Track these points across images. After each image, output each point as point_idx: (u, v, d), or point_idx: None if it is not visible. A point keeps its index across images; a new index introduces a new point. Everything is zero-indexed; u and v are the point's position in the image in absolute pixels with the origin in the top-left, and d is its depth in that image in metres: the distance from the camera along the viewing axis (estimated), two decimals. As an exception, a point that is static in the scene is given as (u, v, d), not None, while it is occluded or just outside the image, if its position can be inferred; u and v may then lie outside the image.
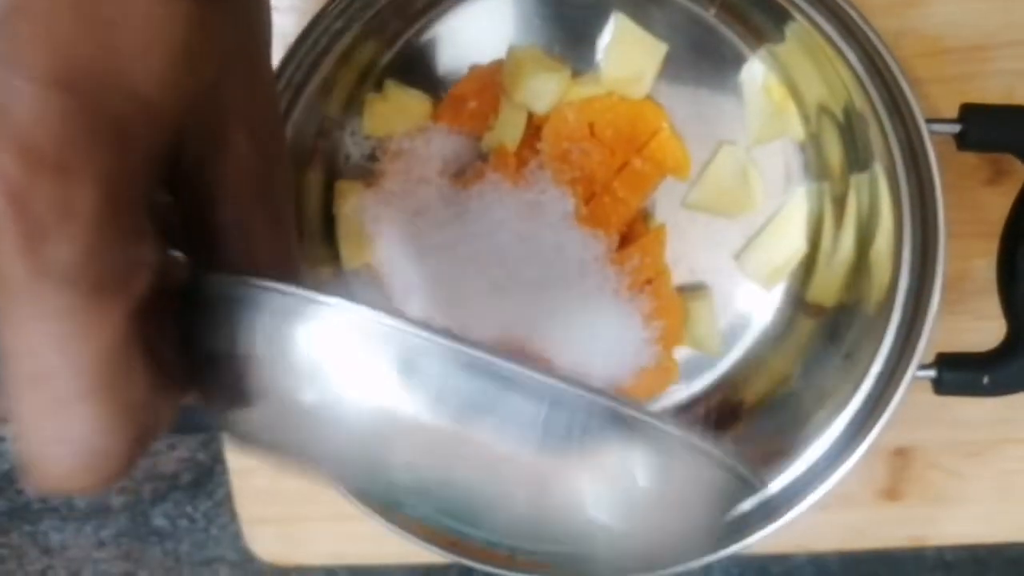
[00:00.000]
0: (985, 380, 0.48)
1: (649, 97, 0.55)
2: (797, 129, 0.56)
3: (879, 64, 0.46)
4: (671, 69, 0.55)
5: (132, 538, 0.69)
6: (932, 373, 0.49)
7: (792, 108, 0.55)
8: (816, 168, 0.56)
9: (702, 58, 0.55)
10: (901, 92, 0.46)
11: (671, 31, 0.55)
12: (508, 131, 0.55)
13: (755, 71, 0.55)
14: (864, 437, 0.48)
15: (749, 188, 0.56)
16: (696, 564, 0.49)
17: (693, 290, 0.58)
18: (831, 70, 0.50)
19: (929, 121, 0.46)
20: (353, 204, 0.56)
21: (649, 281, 0.56)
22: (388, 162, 0.56)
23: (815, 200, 0.56)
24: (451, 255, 0.55)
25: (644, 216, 0.57)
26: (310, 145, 0.54)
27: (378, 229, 0.56)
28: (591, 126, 0.55)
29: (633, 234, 0.56)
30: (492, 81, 0.55)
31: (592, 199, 0.55)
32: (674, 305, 0.56)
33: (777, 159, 0.57)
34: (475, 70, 0.55)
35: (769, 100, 0.55)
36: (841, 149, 0.54)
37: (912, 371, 0.47)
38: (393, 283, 0.57)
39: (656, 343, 0.56)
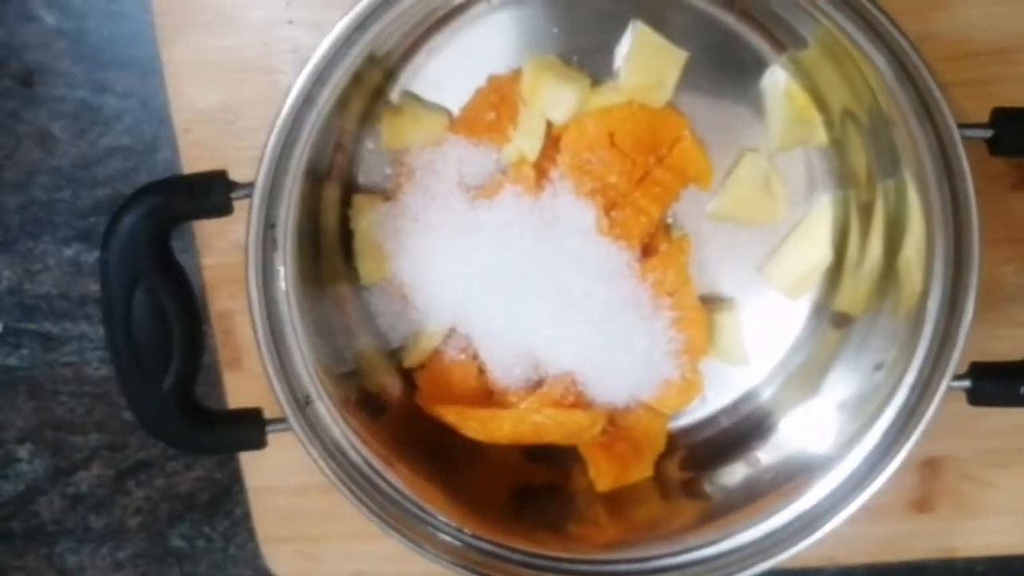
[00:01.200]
0: (1022, 390, 0.47)
1: (670, 105, 0.55)
2: (821, 135, 0.55)
3: (908, 67, 0.45)
4: (691, 76, 0.54)
5: (149, 559, 0.68)
6: (967, 383, 0.48)
7: (815, 114, 0.54)
8: (841, 175, 0.55)
9: (723, 65, 0.54)
10: (932, 96, 0.45)
11: (691, 38, 0.54)
12: (527, 142, 0.54)
13: (777, 77, 0.54)
14: (899, 450, 0.47)
15: (773, 196, 0.55)
16: (728, 581, 0.49)
17: (717, 301, 0.57)
18: (856, 74, 0.49)
19: (961, 126, 0.45)
20: (371, 218, 0.55)
21: (672, 293, 0.55)
22: (405, 175, 0.55)
23: (840, 208, 0.55)
24: (470, 268, 0.55)
25: (666, 227, 0.56)
26: (328, 159, 0.53)
27: (396, 243, 0.55)
28: (611, 135, 0.54)
29: (655, 245, 0.56)
30: (510, 92, 0.54)
31: (613, 209, 0.55)
32: (698, 317, 0.55)
33: (800, 166, 0.56)
34: (493, 81, 0.55)
35: (792, 106, 0.54)
36: (866, 155, 0.53)
37: (947, 382, 0.46)
38: (412, 297, 0.56)
39: (680, 355, 0.55)
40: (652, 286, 0.55)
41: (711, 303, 0.57)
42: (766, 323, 0.57)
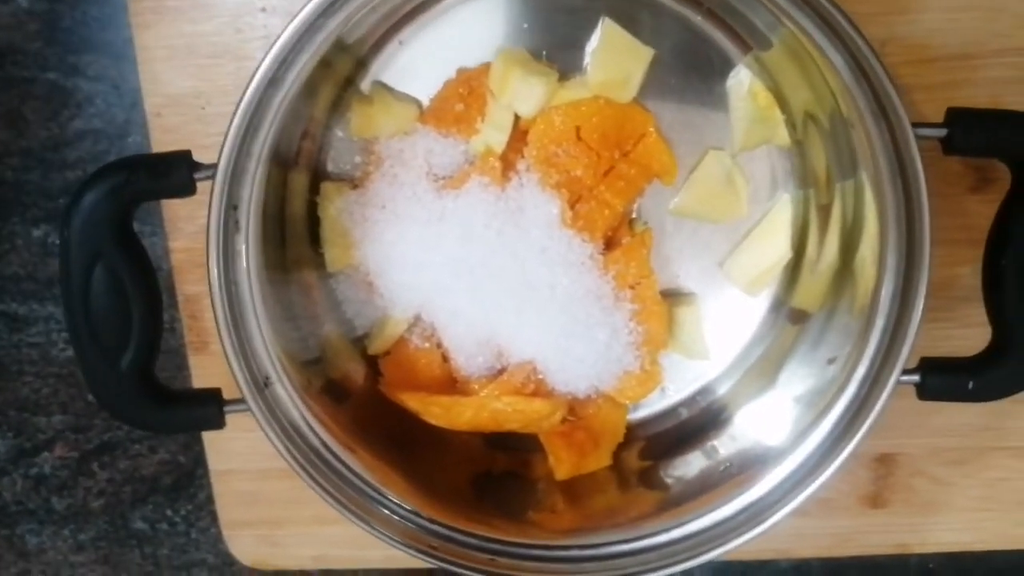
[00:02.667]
0: (970, 385, 0.48)
1: (636, 101, 0.55)
2: (783, 136, 0.56)
3: (866, 69, 0.46)
4: (658, 74, 0.55)
5: (111, 542, 0.68)
6: (916, 378, 0.49)
7: (778, 115, 0.55)
8: (801, 175, 0.56)
9: (689, 64, 0.55)
10: (888, 96, 0.46)
11: (659, 36, 0.55)
12: (494, 134, 0.55)
13: (742, 77, 0.55)
14: (848, 441, 0.48)
15: (735, 194, 0.56)
16: (678, 568, 0.49)
17: (678, 295, 0.58)
18: (818, 76, 0.50)
19: (915, 125, 0.46)
20: (338, 205, 0.56)
21: (634, 285, 0.56)
22: (374, 164, 0.56)
23: (800, 206, 0.56)
24: (436, 257, 0.55)
25: (630, 221, 0.57)
26: (295, 147, 0.54)
27: (363, 231, 0.56)
28: (578, 130, 0.55)
29: (618, 238, 0.56)
30: (479, 84, 0.55)
31: (578, 202, 0.55)
32: (659, 309, 0.56)
33: (763, 165, 0.57)
34: (462, 73, 0.55)
35: (755, 106, 0.55)
36: (826, 156, 0.54)
37: (896, 375, 0.47)
38: (378, 284, 0.57)
39: (640, 347, 0.56)
40: (614, 278, 0.55)
41: (672, 297, 0.57)
42: (726, 318, 0.58)
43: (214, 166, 0.45)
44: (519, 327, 0.55)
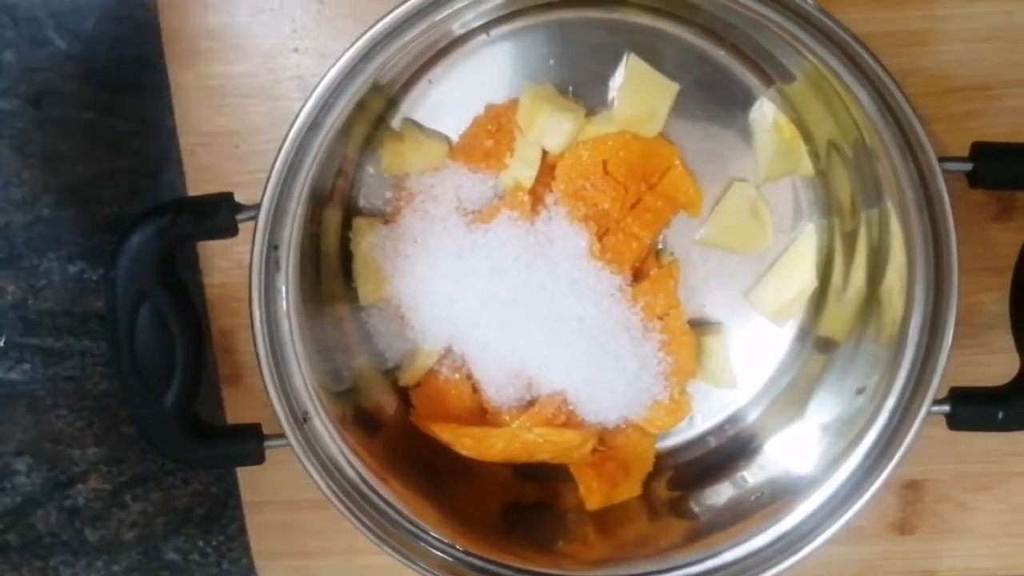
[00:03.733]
0: (1000, 415, 0.49)
1: (662, 135, 0.56)
2: (807, 166, 0.57)
3: (891, 103, 0.47)
4: (684, 107, 0.56)
5: (143, 573, 0.68)
6: (946, 408, 0.49)
7: (801, 146, 0.56)
8: (826, 204, 0.57)
9: (713, 97, 0.56)
10: (913, 130, 0.46)
11: (683, 70, 0.56)
12: (523, 169, 0.56)
13: (765, 109, 0.56)
14: (879, 472, 0.49)
15: (760, 225, 0.57)
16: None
17: (705, 325, 0.58)
18: (841, 108, 0.51)
19: (942, 160, 0.46)
20: (370, 240, 0.57)
21: (662, 316, 0.57)
22: (405, 199, 0.57)
23: (825, 236, 0.57)
24: (466, 290, 0.56)
25: (657, 252, 0.58)
26: (330, 184, 0.55)
27: (394, 265, 0.57)
28: (605, 164, 0.56)
29: (646, 269, 0.57)
30: (508, 120, 0.56)
31: (606, 235, 0.56)
32: (687, 340, 0.57)
33: (787, 196, 0.58)
34: (491, 110, 0.56)
35: (779, 138, 0.56)
36: (851, 186, 0.55)
37: (927, 406, 0.48)
38: (409, 317, 0.58)
39: (669, 377, 0.57)
40: (642, 310, 0.56)
41: (699, 327, 0.58)
42: (752, 347, 0.59)
43: (256, 207, 0.46)
44: (549, 359, 0.56)
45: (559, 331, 0.56)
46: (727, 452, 0.59)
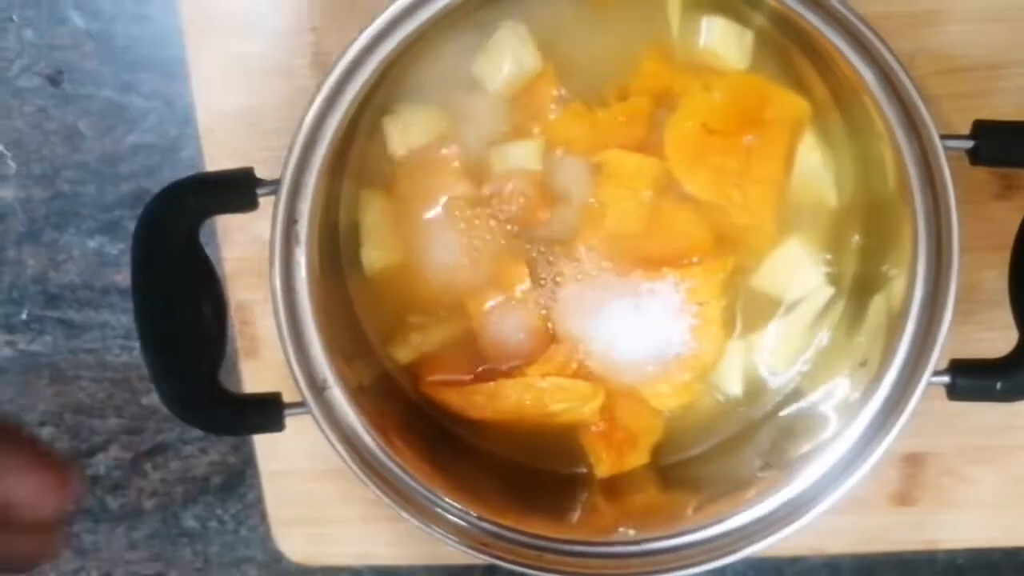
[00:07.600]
0: (998, 386, 0.50)
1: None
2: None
3: (895, 83, 0.47)
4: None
5: (163, 539, 0.70)
6: (946, 379, 0.50)
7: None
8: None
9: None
10: (916, 109, 0.47)
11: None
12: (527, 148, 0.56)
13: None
14: (880, 442, 0.50)
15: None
16: (718, 564, 0.51)
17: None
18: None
19: (943, 137, 0.47)
20: (377, 210, 0.57)
21: (702, 303, 0.56)
22: (412, 171, 0.58)
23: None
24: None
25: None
26: (343, 158, 0.56)
27: (400, 235, 0.57)
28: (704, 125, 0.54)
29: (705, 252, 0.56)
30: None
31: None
32: (716, 334, 0.56)
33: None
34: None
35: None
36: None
37: (927, 377, 0.49)
38: (417, 287, 0.59)
39: (686, 361, 0.57)
40: (686, 291, 0.56)
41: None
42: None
43: (275, 182, 0.48)
44: (576, 299, 0.56)
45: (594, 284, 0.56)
46: (734, 421, 0.60)
